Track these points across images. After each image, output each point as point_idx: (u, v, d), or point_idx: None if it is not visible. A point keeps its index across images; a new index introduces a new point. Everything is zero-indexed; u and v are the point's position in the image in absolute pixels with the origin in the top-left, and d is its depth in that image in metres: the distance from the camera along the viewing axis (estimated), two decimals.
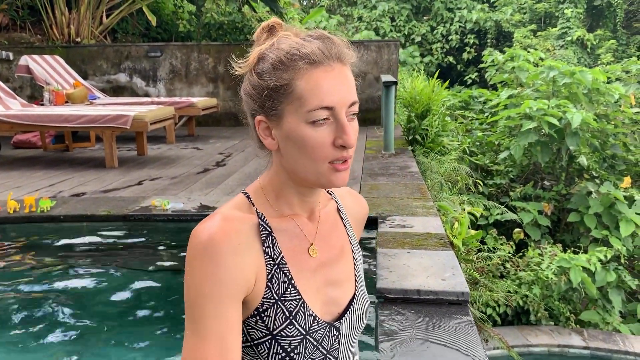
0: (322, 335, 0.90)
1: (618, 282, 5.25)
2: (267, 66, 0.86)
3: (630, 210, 5.67)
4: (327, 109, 0.83)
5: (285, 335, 0.86)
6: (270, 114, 0.87)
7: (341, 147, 0.85)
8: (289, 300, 0.87)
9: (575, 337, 4.83)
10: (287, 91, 0.84)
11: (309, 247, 0.93)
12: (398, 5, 18.95)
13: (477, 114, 8.58)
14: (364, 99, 8.06)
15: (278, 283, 0.87)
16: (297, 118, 0.84)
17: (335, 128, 0.84)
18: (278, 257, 0.89)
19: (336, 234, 0.99)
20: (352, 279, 0.98)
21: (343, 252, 0.98)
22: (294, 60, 0.84)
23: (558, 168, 6.78)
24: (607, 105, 6.82)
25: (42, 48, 8.28)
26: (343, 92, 0.85)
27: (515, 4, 18.33)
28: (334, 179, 0.87)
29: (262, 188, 0.94)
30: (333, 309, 0.94)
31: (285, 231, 0.91)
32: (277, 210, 0.92)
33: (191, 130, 7.48)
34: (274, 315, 0.86)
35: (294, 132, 0.85)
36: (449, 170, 5.12)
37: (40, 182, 4.62)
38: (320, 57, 0.84)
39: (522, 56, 8.01)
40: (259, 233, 0.88)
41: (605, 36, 16.95)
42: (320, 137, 0.84)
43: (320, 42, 0.86)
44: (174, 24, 10.10)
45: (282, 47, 0.86)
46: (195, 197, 3.98)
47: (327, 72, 0.84)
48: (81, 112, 5.34)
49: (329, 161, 0.85)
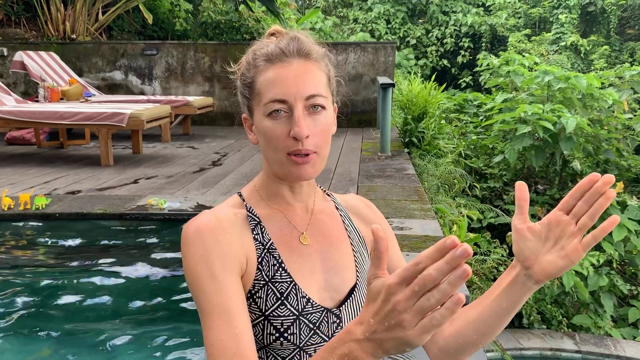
0: (318, 319, 0.91)
1: (610, 286, 5.29)
2: (243, 68, 0.96)
3: (623, 215, 5.71)
4: (280, 101, 0.89)
5: (277, 315, 0.89)
6: (248, 111, 0.97)
7: (293, 138, 0.88)
8: (280, 282, 0.91)
9: (567, 341, 4.86)
10: (253, 88, 0.92)
11: (300, 236, 0.97)
12: (394, 7, 18.99)
13: (472, 117, 8.62)
14: (359, 101, 8.08)
15: (268, 266, 0.91)
16: (259, 112, 0.92)
17: (291, 120, 0.89)
18: (267, 242, 0.93)
19: (332, 225, 1.02)
20: (353, 269, 0.99)
21: (340, 243, 1.01)
22: (256, 59, 0.92)
23: (552, 172, 6.82)
24: (600, 110, 6.87)
25: (37, 44, 8.24)
26: (298, 86, 0.89)
27: (510, 8, 18.43)
28: (294, 170, 0.91)
29: (256, 187, 1.00)
30: (334, 295, 0.95)
31: (274, 221, 0.96)
32: (270, 205, 0.98)
33: (187, 129, 7.46)
34: (265, 296, 0.89)
35: (259, 125, 0.92)
36: (445, 173, 5.14)
37: (34, 179, 4.60)
38: (278, 54, 0.90)
39: (517, 60, 8.06)
40: (248, 223, 0.94)
41: (599, 42, 17.07)
42: (277, 128, 0.89)
43: (286, 41, 0.92)
44: (170, 22, 10.07)
45: (251, 49, 0.95)
46: (191, 196, 3.97)
47: (283, 68, 0.90)
48: (77, 109, 5.31)
49: (287, 152, 0.90)
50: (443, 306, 0.59)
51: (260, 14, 9.95)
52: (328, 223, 1.01)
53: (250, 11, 9.49)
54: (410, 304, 0.61)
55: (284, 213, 0.98)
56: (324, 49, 0.96)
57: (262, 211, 0.97)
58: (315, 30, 14.61)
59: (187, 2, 9.88)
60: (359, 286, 0.98)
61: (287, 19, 10.93)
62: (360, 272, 1.00)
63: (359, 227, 1.07)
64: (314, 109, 0.90)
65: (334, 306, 0.95)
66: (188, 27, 10.06)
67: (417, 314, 0.61)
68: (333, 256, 0.98)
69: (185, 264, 0.88)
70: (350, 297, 0.96)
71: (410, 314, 0.61)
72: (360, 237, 1.05)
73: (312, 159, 0.91)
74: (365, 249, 1.05)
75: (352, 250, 1.02)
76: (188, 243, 0.89)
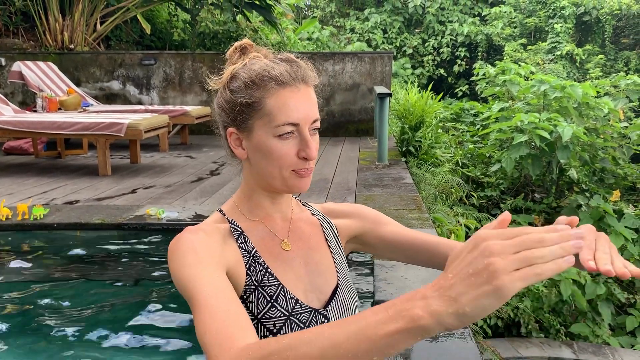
0: (307, 319, 0.96)
1: (607, 295, 5.30)
2: (239, 84, 0.97)
3: (620, 223, 5.73)
4: (293, 124, 0.95)
5: (269, 317, 0.93)
6: (241, 127, 0.99)
7: (303, 159, 0.96)
8: (269, 286, 0.95)
9: (565, 349, 4.86)
10: (258, 108, 0.95)
11: (281, 242, 1.02)
12: (390, 17, 19.11)
13: (469, 126, 8.66)
14: (357, 110, 8.10)
15: (256, 271, 0.96)
16: (266, 132, 0.95)
17: (299, 142, 0.96)
18: (252, 250, 0.98)
19: (309, 231, 1.08)
20: (333, 270, 1.06)
21: (319, 246, 1.07)
22: (265, 81, 0.95)
23: (548, 181, 6.84)
24: (596, 119, 6.91)
25: (35, 54, 8.26)
26: (307, 110, 0.96)
27: (506, 18, 18.55)
28: (298, 183, 0.98)
29: (236, 203, 1.05)
30: (320, 296, 1.01)
31: (256, 231, 1.01)
32: (249, 216, 1.03)
33: (184, 138, 7.47)
34: (256, 300, 0.94)
35: (263, 144, 0.96)
36: (442, 182, 5.16)
37: (32, 189, 4.60)
38: (288, 78, 0.95)
39: (513, 70, 8.11)
40: (232, 234, 0.99)
41: (594, 51, 17.19)
42: (286, 148, 0.95)
43: (288, 65, 0.97)
44: (168, 32, 10.11)
45: (254, 69, 0.97)
46: (190, 206, 3.97)
47: (293, 92, 0.95)
48: (75, 119, 5.32)
49: (292, 169, 0.96)
50: (552, 263, 0.57)
51: (258, 24, 10.01)
52: (306, 229, 1.07)
53: (248, 21, 9.55)
54: (506, 249, 0.57)
55: (265, 223, 1.03)
56: (314, 73, 1.01)
57: (244, 224, 1.01)
58: (312, 40, 14.67)
59: (185, 13, 9.94)
60: (340, 286, 1.05)
61: (285, 29, 10.98)
62: (339, 273, 1.07)
63: (337, 225, 1.14)
64: (314, 131, 0.98)
65: (321, 307, 1.00)
66: (186, 37, 10.11)
67: (515, 262, 0.56)
68: (313, 259, 1.04)
69: (172, 265, 0.88)
70: (335, 297, 1.02)
71: (505, 260, 0.56)
72: (337, 240, 1.12)
73: (311, 172, 1.00)
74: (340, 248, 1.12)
75: (331, 252, 1.08)
76: (175, 251, 0.90)
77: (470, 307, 0.57)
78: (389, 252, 1.15)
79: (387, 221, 1.16)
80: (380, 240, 1.14)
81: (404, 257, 1.15)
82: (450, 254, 0.62)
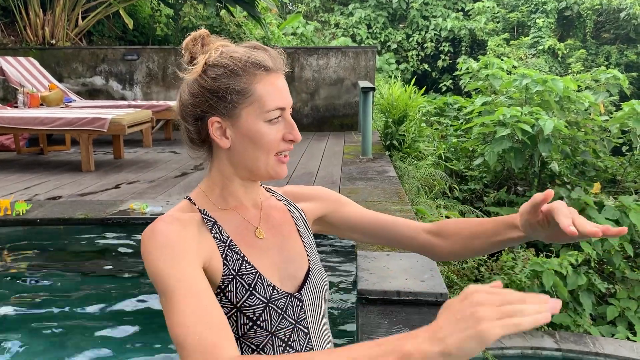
0: (284, 304, 0.98)
1: (588, 285, 5.38)
2: (221, 71, 0.96)
3: (600, 215, 5.81)
4: (280, 109, 0.98)
5: (248, 305, 0.94)
6: (227, 115, 0.97)
7: (290, 141, 0.99)
8: (246, 274, 0.96)
9: (547, 339, 4.94)
10: (247, 94, 0.95)
11: (255, 230, 1.03)
12: (374, 12, 19.14)
13: (452, 120, 8.71)
14: (341, 105, 8.12)
15: (233, 260, 0.96)
16: (256, 117, 0.96)
17: (284, 126, 0.99)
18: (227, 240, 0.98)
19: (280, 217, 1.09)
20: (304, 254, 1.08)
21: (290, 233, 1.09)
22: (251, 67, 0.96)
23: (531, 174, 6.92)
24: (577, 112, 6.99)
25: (16, 49, 8.15)
26: (288, 95, 1.00)
27: (489, 13, 18.68)
28: (279, 170, 1.01)
29: (204, 190, 1.03)
30: (294, 282, 1.03)
31: (229, 220, 1.01)
32: (220, 205, 1.02)
33: (168, 134, 7.44)
34: (235, 289, 0.94)
35: (253, 130, 0.97)
36: (426, 175, 5.20)
37: (14, 185, 4.56)
38: (272, 64, 0.97)
39: (496, 64, 8.17)
40: (205, 224, 0.97)
41: (576, 46, 17.39)
42: (274, 132, 0.98)
43: (264, 52, 0.98)
44: (151, 27, 10.04)
45: (236, 56, 0.96)
46: (173, 200, 3.97)
47: (277, 78, 0.98)
48: (57, 114, 5.28)
49: (275, 152, 0.99)
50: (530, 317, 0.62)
51: (242, 18, 9.97)
52: (276, 215, 1.09)
53: (232, 16, 9.51)
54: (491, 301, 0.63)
55: (237, 211, 1.03)
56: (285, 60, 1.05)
57: (215, 213, 1.00)
58: (296, 35, 14.66)
59: (168, 7, 9.87)
60: (311, 269, 1.07)
61: (269, 24, 10.95)
62: (310, 256, 1.09)
63: (303, 209, 1.16)
64: None
65: (295, 291, 1.02)
66: (169, 32, 10.04)
67: (498, 313, 0.62)
68: (287, 246, 1.06)
69: (146, 258, 0.87)
70: (307, 280, 1.05)
71: (489, 309, 0.62)
72: (305, 224, 1.14)
73: (288, 158, 1.03)
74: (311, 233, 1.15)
75: (300, 237, 1.10)
76: (148, 245, 0.88)
77: (455, 348, 0.62)
78: (350, 231, 1.21)
79: (347, 201, 1.21)
80: (343, 220, 1.19)
81: (364, 236, 1.20)
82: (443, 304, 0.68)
